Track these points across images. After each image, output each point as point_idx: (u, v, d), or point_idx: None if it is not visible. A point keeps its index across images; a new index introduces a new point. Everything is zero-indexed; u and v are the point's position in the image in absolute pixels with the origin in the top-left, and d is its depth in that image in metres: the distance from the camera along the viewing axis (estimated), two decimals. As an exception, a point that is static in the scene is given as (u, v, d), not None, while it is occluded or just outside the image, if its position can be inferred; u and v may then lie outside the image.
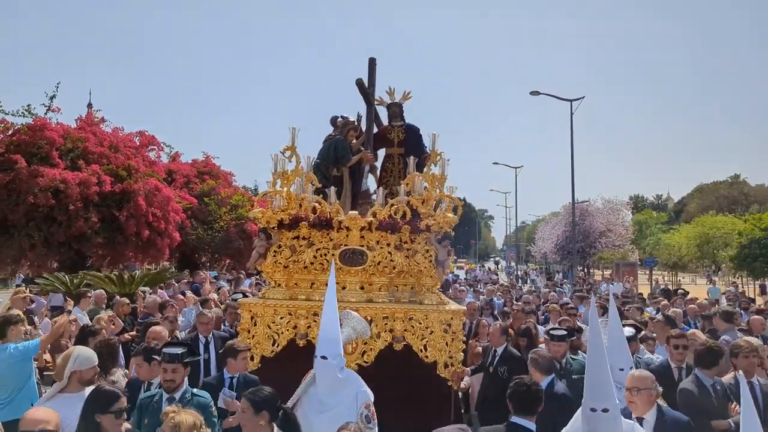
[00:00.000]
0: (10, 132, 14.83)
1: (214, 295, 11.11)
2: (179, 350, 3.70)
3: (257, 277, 13.19)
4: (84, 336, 5.45)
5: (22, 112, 15.14)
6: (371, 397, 3.71)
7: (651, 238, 38.02)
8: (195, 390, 3.75)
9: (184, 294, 10.65)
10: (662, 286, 22.30)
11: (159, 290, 12.26)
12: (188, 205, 18.25)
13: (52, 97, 15.43)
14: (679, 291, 16.72)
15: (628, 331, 5.53)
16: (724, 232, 27.46)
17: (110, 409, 2.90)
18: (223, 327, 6.47)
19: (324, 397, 3.50)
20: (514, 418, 3.34)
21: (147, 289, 11.26)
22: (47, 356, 6.16)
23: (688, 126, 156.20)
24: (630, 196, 71.02)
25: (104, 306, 8.47)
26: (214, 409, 3.70)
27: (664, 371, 4.87)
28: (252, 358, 5.13)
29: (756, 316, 7.79)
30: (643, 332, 6.30)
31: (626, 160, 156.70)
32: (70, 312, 6.94)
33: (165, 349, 3.72)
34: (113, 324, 6.47)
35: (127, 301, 8.47)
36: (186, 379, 3.75)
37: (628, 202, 40.08)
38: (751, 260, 20.73)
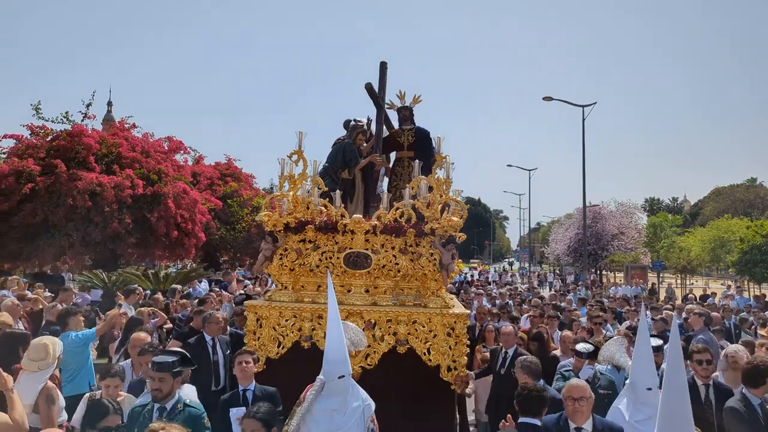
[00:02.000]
0: (49, 138, 15.14)
1: (241, 292, 11.34)
2: (169, 359, 3.46)
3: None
4: (129, 325, 5.95)
5: (61, 119, 15.43)
6: (373, 407, 3.50)
7: (665, 240, 36.66)
8: (187, 401, 3.51)
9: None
10: (687, 293, 21.55)
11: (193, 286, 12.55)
12: (213, 207, 18.39)
13: (88, 105, 15.73)
14: (698, 295, 16.10)
15: (654, 341, 5.05)
16: (740, 236, 26.32)
17: (97, 426, 2.74)
18: (230, 328, 6.31)
19: (336, 414, 3.27)
20: (523, 419, 3.50)
21: (179, 286, 11.49)
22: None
23: (706, 129, 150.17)
24: (645, 198, 68.79)
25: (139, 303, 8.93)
26: (206, 420, 3.46)
27: (689, 388, 4.43)
28: (257, 360, 4.95)
29: None
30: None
31: (643, 164, 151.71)
32: (121, 306, 7.44)
33: (155, 358, 3.50)
34: (157, 317, 6.82)
35: (161, 297, 8.84)
36: (177, 389, 3.52)
37: (643, 204, 38.84)
38: (751, 265, 20.43)
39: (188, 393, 3.89)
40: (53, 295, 10.38)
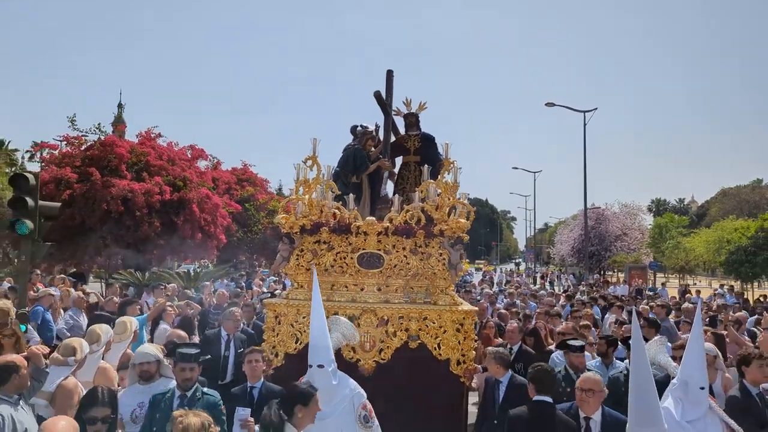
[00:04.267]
0: (83, 147, 15.49)
1: (261, 289, 11.68)
2: (194, 350, 3.54)
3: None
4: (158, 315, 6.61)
5: (94, 130, 15.80)
6: (365, 395, 3.43)
7: (670, 241, 35.86)
8: (205, 389, 3.56)
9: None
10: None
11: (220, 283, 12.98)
12: (232, 211, 18.64)
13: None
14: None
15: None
16: (727, 238, 25.73)
17: (83, 416, 2.77)
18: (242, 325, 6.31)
19: (321, 404, 3.19)
20: (537, 397, 3.49)
21: (207, 283, 11.84)
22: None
23: (715, 130, 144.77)
24: (651, 199, 66.98)
25: (176, 297, 9.66)
26: (223, 407, 3.48)
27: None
28: (276, 355, 4.98)
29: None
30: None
31: (651, 165, 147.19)
32: (168, 295, 8.25)
33: (181, 350, 3.55)
34: (192, 308, 7.55)
35: (189, 293, 9.60)
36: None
37: (649, 205, 37.96)
38: (738, 265, 20.72)
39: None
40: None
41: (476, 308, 5.55)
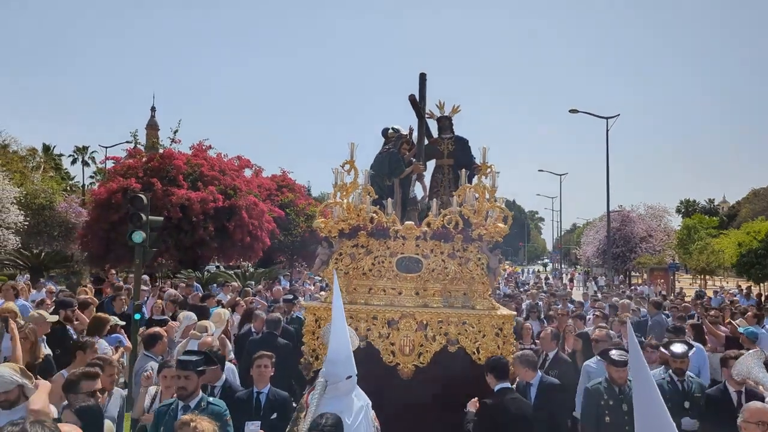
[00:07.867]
0: (144, 159, 15.94)
1: (312, 287, 11.87)
2: (193, 357, 3.16)
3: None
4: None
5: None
6: (370, 406, 3.08)
7: (699, 242, 33.32)
8: (210, 399, 3.19)
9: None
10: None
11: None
12: (275, 216, 18.80)
13: (175, 132, 16.48)
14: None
15: (680, 347, 4.23)
16: (738, 241, 23.58)
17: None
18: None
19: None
20: (500, 385, 3.63)
21: (252, 282, 11.98)
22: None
23: (748, 128, 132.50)
24: (680, 200, 62.41)
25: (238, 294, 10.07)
26: (228, 417, 3.09)
27: (722, 396, 3.70)
28: (317, 358, 4.65)
29: None
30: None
31: (680, 165, 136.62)
32: (234, 292, 9.50)
33: (179, 357, 3.23)
34: (260, 304, 8.07)
35: (250, 290, 10.08)
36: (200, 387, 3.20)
37: (678, 206, 35.42)
38: (748, 267, 20.07)
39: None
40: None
41: (515, 312, 5.06)
